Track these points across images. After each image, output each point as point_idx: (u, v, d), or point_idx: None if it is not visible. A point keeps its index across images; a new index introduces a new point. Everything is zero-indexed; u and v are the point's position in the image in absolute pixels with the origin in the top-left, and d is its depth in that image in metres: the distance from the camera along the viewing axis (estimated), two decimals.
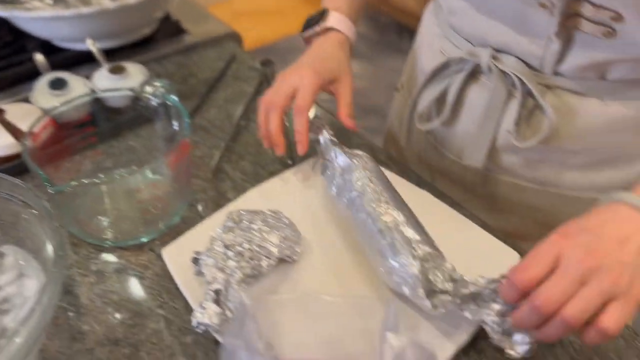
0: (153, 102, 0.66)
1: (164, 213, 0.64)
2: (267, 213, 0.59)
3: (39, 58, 0.81)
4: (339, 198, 0.60)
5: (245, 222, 0.57)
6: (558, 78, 0.60)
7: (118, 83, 0.78)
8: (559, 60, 0.59)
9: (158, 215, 0.63)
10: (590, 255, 0.42)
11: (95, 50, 0.82)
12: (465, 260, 0.52)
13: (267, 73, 0.89)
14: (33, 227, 0.52)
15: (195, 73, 0.92)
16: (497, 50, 0.62)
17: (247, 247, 0.54)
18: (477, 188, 0.73)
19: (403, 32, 2.84)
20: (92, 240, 0.63)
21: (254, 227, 0.56)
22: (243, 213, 0.58)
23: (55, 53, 0.90)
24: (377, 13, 2.96)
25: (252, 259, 0.54)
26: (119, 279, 0.59)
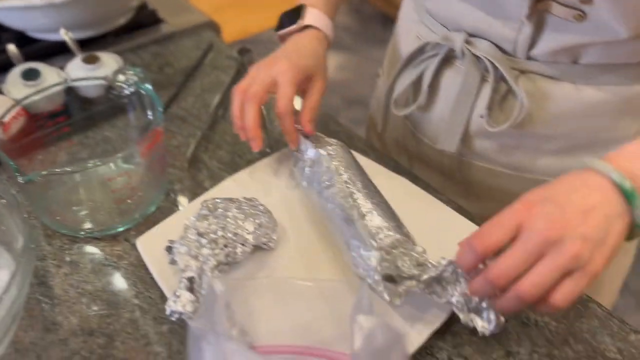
0: (126, 90, 0.65)
1: (140, 203, 0.63)
2: (242, 201, 0.59)
3: (12, 49, 0.80)
4: (310, 190, 0.61)
5: (220, 209, 0.57)
6: (531, 62, 0.60)
7: (92, 73, 0.77)
8: (532, 44, 0.59)
9: (133, 205, 0.63)
10: (552, 227, 0.41)
11: (69, 40, 0.81)
12: (439, 244, 0.52)
13: (244, 62, 0.88)
14: (4, 218, 0.52)
15: (172, 62, 0.91)
16: (471, 35, 0.63)
17: (221, 234, 0.54)
18: (453, 174, 0.74)
19: (387, 23, 2.83)
20: (66, 231, 0.62)
21: (229, 214, 0.56)
22: (218, 201, 0.58)
23: (30, 44, 0.89)
24: (361, 4, 2.95)
25: (226, 246, 0.53)
26: (94, 270, 0.59)
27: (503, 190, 0.71)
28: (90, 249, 0.61)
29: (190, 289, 0.50)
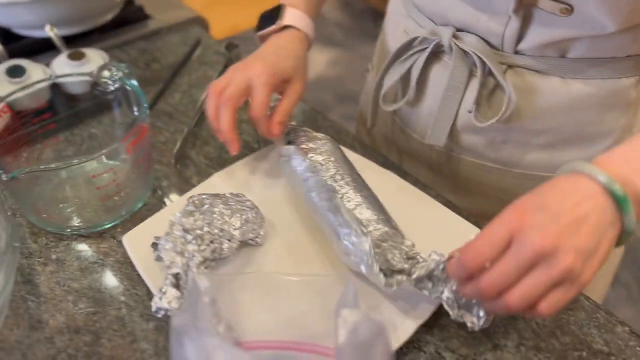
0: (111, 87, 0.65)
1: (126, 199, 0.63)
2: (229, 196, 0.58)
3: None
4: (298, 185, 0.61)
5: (207, 205, 0.56)
6: (519, 57, 0.60)
7: (78, 69, 0.76)
8: (519, 39, 0.59)
9: (120, 202, 0.62)
10: (545, 238, 0.40)
11: (54, 37, 0.80)
12: (427, 238, 0.53)
13: (231, 57, 0.88)
14: None
15: (159, 58, 0.90)
16: (459, 30, 0.62)
17: (207, 230, 0.53)
18: (442, 168, 0.74)
19: (379, 18, 2.81)
20: (52, 229, 0.62)
21: (215, 210, 0.56)
22: (204, 197, 0.57)
23: (15, 41, 0.88)
24: None
25: (212, 242, 0.53)
26: (80, 267, 0.58)
27: (491, 185, 0.71)
28: (77, 247, 0.60)
29: (176, 286, 0.49)
